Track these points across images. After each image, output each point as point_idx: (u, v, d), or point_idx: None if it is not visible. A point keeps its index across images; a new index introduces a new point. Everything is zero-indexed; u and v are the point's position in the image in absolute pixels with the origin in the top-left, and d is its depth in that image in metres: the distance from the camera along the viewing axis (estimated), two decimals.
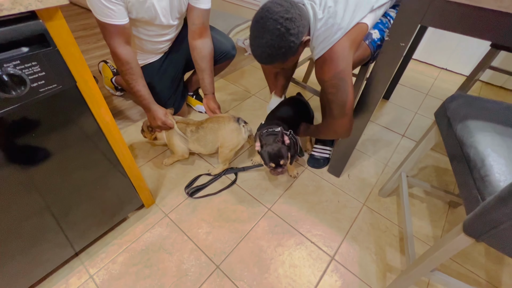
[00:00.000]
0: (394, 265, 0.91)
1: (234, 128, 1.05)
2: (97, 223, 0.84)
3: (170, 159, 1.17)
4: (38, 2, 0.43)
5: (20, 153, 0.55)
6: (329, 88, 0.83)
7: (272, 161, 0.93)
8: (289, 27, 0.71)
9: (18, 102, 0.48)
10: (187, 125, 1.08)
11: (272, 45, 0.73)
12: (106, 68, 1.49)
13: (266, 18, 0.71)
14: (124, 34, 0.93)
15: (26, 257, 0.69)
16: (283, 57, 0.77)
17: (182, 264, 0.87)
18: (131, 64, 0.97)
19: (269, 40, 0.73)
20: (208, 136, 1.06)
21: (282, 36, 0.72)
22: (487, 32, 0.59)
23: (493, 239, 0.48)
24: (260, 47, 0.76)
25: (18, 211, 0.61)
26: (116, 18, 0.88)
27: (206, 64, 1.15)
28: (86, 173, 0.71)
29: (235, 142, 1.06)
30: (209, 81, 1.18)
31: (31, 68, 0.47)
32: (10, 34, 0.43)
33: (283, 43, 0.73)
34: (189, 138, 1.07)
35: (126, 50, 0.95)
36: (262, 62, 0.81)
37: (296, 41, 0.74)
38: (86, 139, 0.65)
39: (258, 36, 0.75)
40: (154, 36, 1.11)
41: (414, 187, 1.17)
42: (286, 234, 0.97)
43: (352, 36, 0.79)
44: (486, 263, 0.93)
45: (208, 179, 1.13)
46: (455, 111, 0.69)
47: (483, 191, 0.51)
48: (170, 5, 1.02)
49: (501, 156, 0.54)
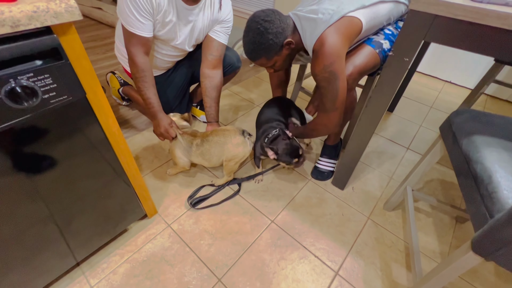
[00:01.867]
0: (401, 282, 0.88)
1: (240, 142, 1.05)
2: (99, 232, 0.83)
3: (173, 170, 1.17)
4: (53, 18, 0.45)
5: (28, 161, 0.56)
6: (320, 82, 0.89)
7: (295, 157, 1.04)
8: (267, 27, 0.86)
9: (29, 113, 0.50)
10: (194, 137, 1.07)
11: (254, 42, 0.89)
12: (113, 79, 1.53)
13: (251, 20, 0.89)
14: (146, 45, 0.98)
15: (28, 267, 0.69)
16: (265, 53, 0.90)
17: (183, 276, 0.86)
18: (146, 73, 1.00)
19: (252, 37, 0.89)
20: (213, 149, 1.05)
21: (261, 34, 0.87)
22: (490, 49, 0.59)
23: (502, 258, 0.47)
24: (246, 44, 0.92)
25: (22, 219, 0.61)
26: (143, 31, 0.94)
27: (216, 93, 1.19)
28: (91, 182, 0.71)
29: (241, 155, 1.06)
30: (216, 110, 1.20)
31: (43, 80, 0.49)
32: (25, 48, 0.45)
33: (263, 40, 0.87)
34: (193, 151, 1.07)
35: (143, 59, 0.99)
36: (249, 57, 0.95)
37: (275, 39, 0.87)
38: (93, 148, 0.66)
39: (245, 35, 0.91)
40: (168, 56, 1.16)
41: (419, 201, 1.15)
42: (290, 247, 0.96)
43: (341, 29, 0.83)
44: (496, 281, 0.90)
45: (211, 190, 1.13)
46: (461, 126, 0.69)
47: (491, 208, 0.50)
48: (190, 33, 1.08)
49: (509, 173, 0.54)
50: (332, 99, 0.89)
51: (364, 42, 0.95)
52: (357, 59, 0.92)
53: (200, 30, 1.09)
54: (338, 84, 0.86)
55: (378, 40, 0.94)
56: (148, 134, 1.40)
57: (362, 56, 0.92)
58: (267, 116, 1.17)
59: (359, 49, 0.94)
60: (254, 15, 0.89)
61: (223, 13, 1.10)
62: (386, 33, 0.96)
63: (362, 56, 0.92)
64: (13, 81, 0.45)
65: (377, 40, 0.94)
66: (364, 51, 0.93)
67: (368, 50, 0.92)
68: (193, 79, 1.37)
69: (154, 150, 1.31)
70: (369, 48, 0.92)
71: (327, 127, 1.00)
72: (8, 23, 0.41)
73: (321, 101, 0.94)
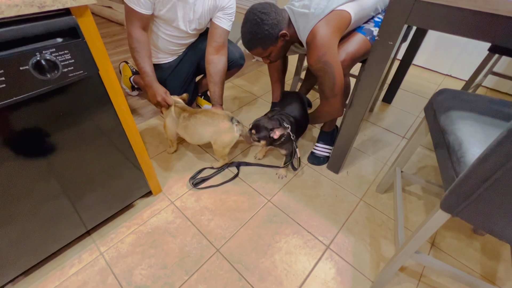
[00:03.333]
0: (388, 256, 0.93)
1: (227, 127, 1.08)
2: (108, 206, 0.91)
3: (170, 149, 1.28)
4: (73, 1, 0.53)
5: (47, 134, 0.64)
6: (317, 72, 0.95)
7: (252, 128, 1.08)
8: (264, 18, 0.92)
9: (51, 84, 0.57)
10: (183, 110, 1.12)
11: (251, 32, 0.95)
12: (126, 67, 1.62)
13: (249, 12, 0.95)
14: (142, 21, 1.07)
15: (44, 233, 0.77)
16: (261, 43, 0.96)
17: (184, 246, 0.93)
18: (141, 44, 1.09)
19: (249, 27, 0.95)
20: (197, 127, 1.09)
21: (258, 25, 0.93)
22: (465, 30, 0.64)
23: (465, 212, 0.52)
24: (243, 34, 0.99)
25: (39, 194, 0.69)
26: (141, 7, 1.03)
27: (219, 78, 1.24)
28: (101, 157, 0.79)
29: (227, 140, 1.10)
30: (219, 94, 1.26)
31: (63, 55, 0.56)
32: (49, 26, 0.53)
33: (259, 30, 0.93)
34: (179, 123, 1.12)
35: (139, 33, 1.08)
36: (246, 46, 1.01)
37: (271, 30, 0.93)
38: (105, 123, 0.74)
39: (243, 26, 0.98)
40: (171, 36, 1.23)
41: (411, 185, 1.20)
42: (284, 223, 1.02)
43: (331, 22, 0.91)
44: (481, 258, 0.94)
45: (211, 172, 1.20)
46: (440, 103, 0.74)
47: (458, 171, 0.55)
48: (193, 16, 1.14)
49: (477, 141, 0.59)
50: (330, 86, 0.97)
51: (355, 30, 1.01)
52: (349, 46, 0.98)
53: (201, 14, 1.15)
54: (334, 72, 0.93)
55: (368, 28, 0.99)
56: (154, 121, 1.48)
57: (354, 43, 0.98)
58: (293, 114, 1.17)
59: (351, 37, 0.99)
60: (252, 7, 0.96)
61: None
62: (376, 21, 1.01)
63: (354, 43, 0.98)
64: (38, 55, 0.53)
65: (367, 28, 0.99)
66: (356, 39, 0.98)
67: (359, 38, 0.98)
68: (199, 70, 1.44)
69: (159, 136, 1.39)
70: (360, 36, 0.98)
71: (330, 113, 1.10)
72: (36, 4, 0.49)
73: (321, 90, 1.02)
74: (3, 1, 0.46)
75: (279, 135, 1.03)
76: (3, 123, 0.55)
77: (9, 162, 0.60)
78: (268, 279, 0.86)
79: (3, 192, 0.62)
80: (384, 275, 0.78)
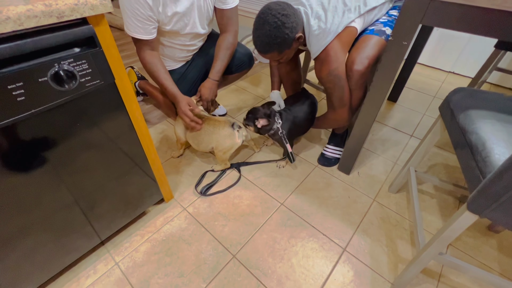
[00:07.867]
0: (406, 257, 0.93)
1: (228, 133, 1.10)
2: (121, 215, 0.90)
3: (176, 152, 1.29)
4: (90, 10, 0.52)
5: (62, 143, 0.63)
6: (326, 84, 0.98)
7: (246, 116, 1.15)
8: (285, 21, 0.86)
9: (69, 95, 0.56)
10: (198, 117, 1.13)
11: (270, 35, 0.88)
12: (132, 72, 1.62)
13: (266, 13, 0.87)
14: (149, 44, 1.06)
15: (57, 245, 0.75)
16: (278, 47, 0.91)
17: (200, 253, 0.92)
18: (154, 62, 1.08)
19: (267, 30, 0.87)
20: (202, 136, 1.12)
21: (278, 28, 0.86)
22: (482, 28, 0.64)
23: (495, 213, 0.51)
24: (259, 37, 0.91)
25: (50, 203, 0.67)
26: (142, 34, 1.01)
27: (220, 52, 1.20)
28: (115, 165, 0.78)
29: (227, 146, 1.11)
30: (218, 69, 1.21)
31: (81, 65, 0.55)
32: (68, 36, 0.52)
33: (279, 34, 0.87)
34: (187, 132, 1.16)
35: (150, 55, 1.07)
36: (261, 50, 0.95)
37: (290, 34, 0.88)
38: (119, 131, 0.73)
39: (259, 28, 0.90)
40: (180, 45, 1.22)
41: (424, 183, 1.19)
42: (299, 227, 1.01)
43: (342, 39, 0.93)
44: (498, 256, 0.94)
45: (215, 176, 1.19)
46: (458, 103, 0.73)
47: (484, 171, 0.55)
48: (199, 15, 1.13)
49: (500, 140, 0.58)
50: (339, 97, 1.00)
51: (366, 33, 0.99)
52: (369, 51, 0.94)
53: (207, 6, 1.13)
54: (343, 84, 0.97)
55: (379, 29, 0.98)
56: (161, 126, 1.47)
57: (372, 47, 0.94)
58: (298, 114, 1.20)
59: (366, 41, 0.96)
60: (269, 7, 0.88)
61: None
62: (382, 22, 1.00)
63: (372, 46, 0.95)
64: (57, 66, 0.52)
65: (378, 29, 0.98)
66: (372, 42, 0.95)
67: (375, 39, 0.96)
68: (206, 75, 1.43)
69: (167, 142, 1.38)
70: (375, 37, 0.96)
71: (337, 121, 1.12)
72: (55, 14, 0.48)
73: (329, 100, 1.05)
74: (22, 12, 0.45)
75: (262, 125, 1.11)
76: (17, 135, 0.54)
77: (25, 172, 0.59)
78: (287, 284, 0.85)
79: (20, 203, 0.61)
80: (405, 277, 0.77)
